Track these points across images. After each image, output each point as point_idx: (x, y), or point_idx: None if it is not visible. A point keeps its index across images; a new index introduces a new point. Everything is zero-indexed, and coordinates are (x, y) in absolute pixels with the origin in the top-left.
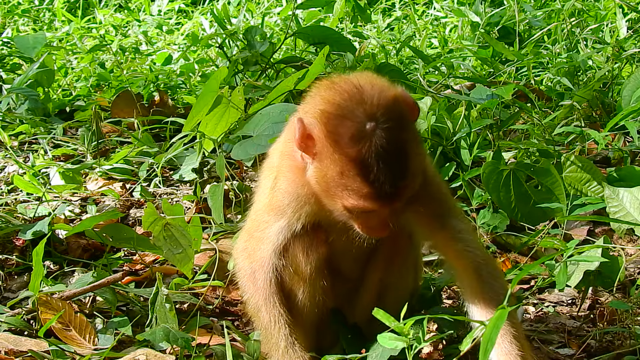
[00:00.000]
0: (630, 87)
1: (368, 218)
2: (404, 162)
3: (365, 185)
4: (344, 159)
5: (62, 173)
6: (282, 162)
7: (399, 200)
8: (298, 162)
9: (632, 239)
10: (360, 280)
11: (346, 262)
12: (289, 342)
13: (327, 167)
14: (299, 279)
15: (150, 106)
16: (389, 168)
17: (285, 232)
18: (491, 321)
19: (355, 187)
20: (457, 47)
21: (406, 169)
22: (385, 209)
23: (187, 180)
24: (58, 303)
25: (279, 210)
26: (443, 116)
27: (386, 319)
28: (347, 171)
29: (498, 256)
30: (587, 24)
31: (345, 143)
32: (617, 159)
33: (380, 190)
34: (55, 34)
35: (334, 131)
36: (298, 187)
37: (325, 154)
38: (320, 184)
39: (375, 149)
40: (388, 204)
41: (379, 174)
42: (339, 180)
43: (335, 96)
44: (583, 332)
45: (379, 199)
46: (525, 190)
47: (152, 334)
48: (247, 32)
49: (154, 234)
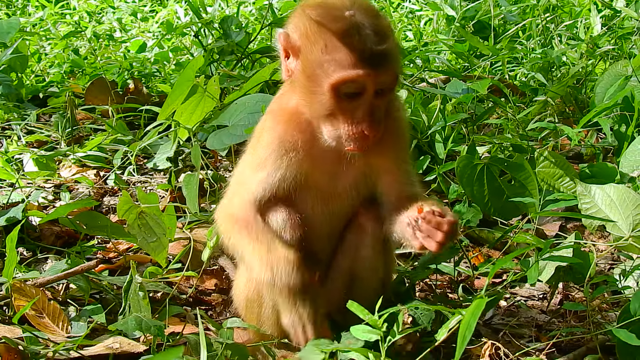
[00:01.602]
0: (604, 84)
1: (353, 109)
2: (383, 32)
3: (349, 51)
4: (327, 33)
5: (36, 160)
6: (265, 118)
7: (382, 67)
8: (282, 102)
9: (603, 235)
10: (330, 266)
11: (319, 241)
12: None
13: (311, 51)
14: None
15: (124, 94)
16: (370, 35)
17: (264, 184)
18: (469, 310)
19: (339, 56)
20: (432, 40)
21: (386, 36)
22: (370, 81)
23: (161, 169)
24: (32, 290)
25: (259, 164)
26: (418, 109)
27: (360, 312)
28: (331, 44)
29: (471, 250)
30: (561, 20)
31: (327, 22)
32: (590, 155)
33: (363, 53)
34: (28, 20)
35: (316, 18)
36: (281, 131)
37: (308, 42)
38: (306, 71)
39: (356, 22)
40: (372, 70)
41: (361, 39)
42: (323, 57)
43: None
44: (553, 326)
45: (363, 63)
46: (499, 185)
47: (125, 324)
48: (223, 21)
49: (129, 222)
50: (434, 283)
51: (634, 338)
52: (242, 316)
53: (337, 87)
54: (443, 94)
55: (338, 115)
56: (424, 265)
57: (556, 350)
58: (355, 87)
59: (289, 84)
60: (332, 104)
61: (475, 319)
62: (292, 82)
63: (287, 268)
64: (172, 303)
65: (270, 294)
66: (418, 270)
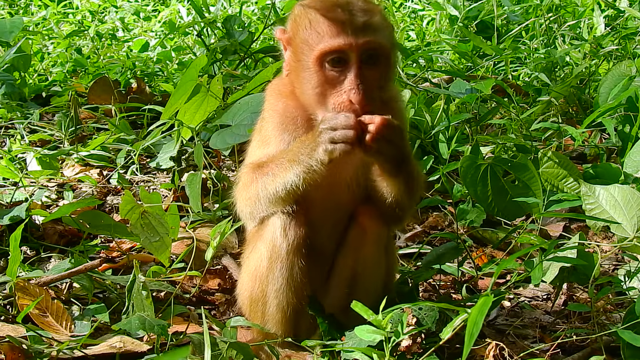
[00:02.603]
0: (608, 84)
1: (341, 81)
2: (367, 8)
3: (330, 23)
4: (311, 12)
5: (39, 159)
6: (267, 100)
7: (364, 35)
8: (280, 84)
9: (607, 235)
10: (332, 266)
11: (322, 236)
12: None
13: (297, 32)
14: (276, 258)
15: (127, 93)
16: (353, 9)
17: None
18: (475, 307)
19: (322, 29)
20: (435, 40)
21: (369, 10)
22: (353, 49)
23: (164, 168)
24: (35, 289)
25: (266, 140)
26: (422, 109)
27: (364, 312)
28: (315, 19)
29: (474, 250)
30: (564, 20)
31: (314, 4)
32: (593, 155)
33: (343, 23)
34: (31, 19)
35: (304, 3)
36: (282, 108)
37: (295, 25)
38: (296, 53)
39: (341, 1)
40: (354, 38)
41: (343, 12)
42: (307, 33)
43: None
44: (558, 327)
45: (344, 33)
46: (503, 185)
47: (128, 323)
48: (227, 20)
49: (132, 222)
50: (438, 283)
51: (639, 339)
52: (246, 315)
53: (321, 57)
54: (447, 94)
55: (327, 91)
56: (428, 265)
57: (561, 352)
58: (338, 56)
59: (287, 75)
60: (319, 78)
61: (482, 316)
62: (289, 72)
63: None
64: (176, 302)
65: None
66: (421, 271)
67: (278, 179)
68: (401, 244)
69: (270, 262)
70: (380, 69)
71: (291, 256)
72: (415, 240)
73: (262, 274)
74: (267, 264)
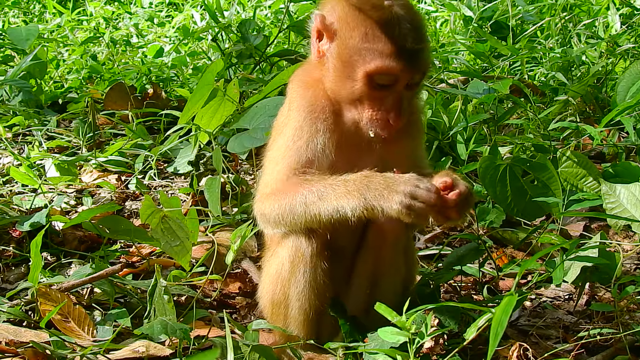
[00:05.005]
0: (625, 82)
1: (382, 98)
2: (421, 29)
3: (389, 43)
4: (368, 21)
5: (58, 165)
6: (294, 90)
7: (417, 64)
8: (307, 72)
9: (628, 234)
10: (352, 268)
11: (344, 234)
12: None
13: (349, 37)
14: (299, 260)
15: (143, 99)
16: (409, 30)
17: (302, 152)
18: (500, 306)
19: (379, 46)
20: (449, 41)
21: (423, 33)
22: (404, 75)
23: (182, 173)
24: (57, 294)
25: (295, 133)
26: (439, 110)
27: (388, 313)
28: (371, 32)
29: (495, 251)
30: (580, 19)
31: (367, 10)
32: (612, 154)
33: (402, 48)
34: (46, 26)
35: (356, 4)
36: (311, 96)
37: (346, 27)
38: (342, 56)
39: (396, 14)
40: (408, 65)
41: (401, 32)
42: (362, 45)
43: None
44: (581, 327)
45: (401, 57)
46: (522, 185)
47: (150, 328)
48: (242, 25)
49: (152, 226)
50: (459, 285)
51: None
52: (268, 318)
53: (372, 75)
54: (464, 94)
55: (365, 101)
56: (449, 267)
57: (585, 352)
58: (389, 79)
59: (319, 64)
60: (363, 91)
61: (507, 316)
62: (322, 62)
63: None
64: (197, 306)
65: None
66: (442, 272)
67: (326, 204)
68: (420, 246)
69: (292, 265)
70: (417, 89)
71: (314, 259)
72: (434, 242)
73: (284, 277)
74: (289, 267)
